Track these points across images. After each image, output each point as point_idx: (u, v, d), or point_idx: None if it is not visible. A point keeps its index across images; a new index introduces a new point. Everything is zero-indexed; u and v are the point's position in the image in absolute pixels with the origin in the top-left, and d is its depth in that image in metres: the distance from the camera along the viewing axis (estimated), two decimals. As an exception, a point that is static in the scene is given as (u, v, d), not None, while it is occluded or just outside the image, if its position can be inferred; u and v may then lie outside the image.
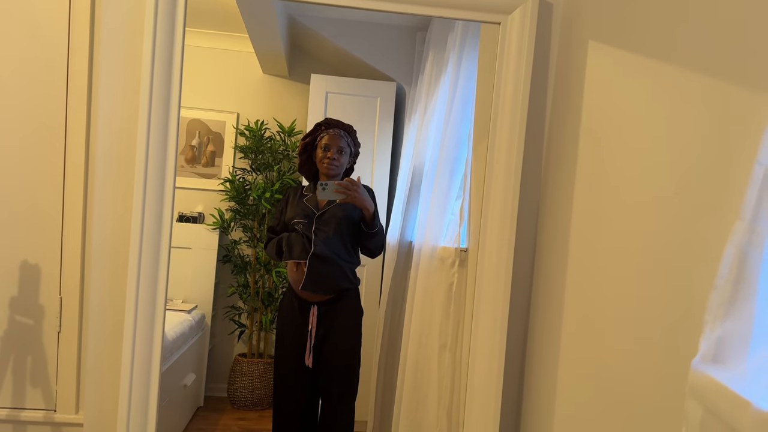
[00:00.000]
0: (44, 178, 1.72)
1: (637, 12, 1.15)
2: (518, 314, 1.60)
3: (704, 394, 0.70)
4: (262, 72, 3.54)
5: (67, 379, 1.75)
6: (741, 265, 0.68)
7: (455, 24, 2.16)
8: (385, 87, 3.15)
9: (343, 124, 2.28)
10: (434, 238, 2.13)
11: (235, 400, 3.27)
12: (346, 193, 2.07)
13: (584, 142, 1.35)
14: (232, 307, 3.37)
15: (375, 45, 3.03)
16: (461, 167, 2.06)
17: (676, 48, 0.99)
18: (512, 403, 1.62)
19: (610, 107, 1.24)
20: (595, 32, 1.35)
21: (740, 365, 0.68)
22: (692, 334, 0.80)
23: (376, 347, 2.77)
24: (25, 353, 1.75)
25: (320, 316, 2.17)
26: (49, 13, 1.70)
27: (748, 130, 0.78)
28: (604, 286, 1.18)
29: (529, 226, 1.60)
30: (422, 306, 2.15)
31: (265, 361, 3.31)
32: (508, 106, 1.53)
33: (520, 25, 1.52)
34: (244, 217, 3.41)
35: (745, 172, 0.72)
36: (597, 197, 1.25)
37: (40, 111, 1.71)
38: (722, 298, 0.69)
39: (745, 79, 0.81)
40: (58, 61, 1.70)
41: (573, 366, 1.30)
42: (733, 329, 0.69)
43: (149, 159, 1.48)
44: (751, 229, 0.67)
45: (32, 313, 1.74)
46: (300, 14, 2.92)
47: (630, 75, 1.16)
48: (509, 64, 1.53)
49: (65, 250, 1.73)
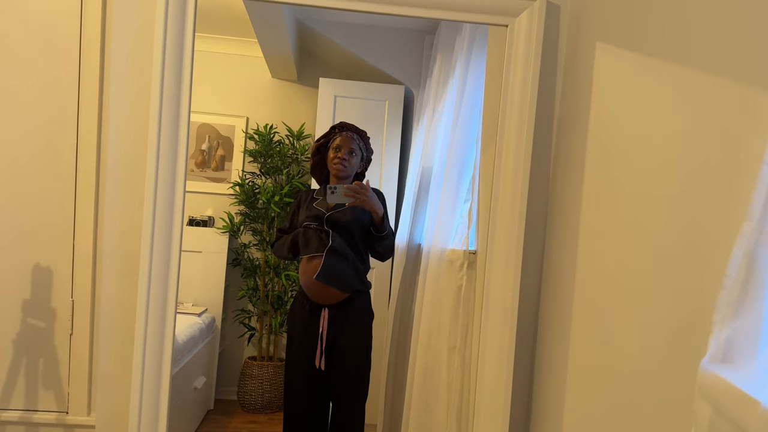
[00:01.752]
0: (56, 182, 1.74)
1: (644, 13, 1.15)
2: (527, 316, 1.60)
3: (713, 394, 0.70)
4: (271, 76, 3.56)
5: (79, 382, 1.77)
6: (749, 266, 0.68)
7: (463, 27, 2.16)
8: (393, 90, 3.16)
9: (358, 128, 2.31)
10: (443, 241, 2.13)
11: (246, 403, 3.28)
12: (355, 196, 2.08)
13: (592, 144, 1.35)
14: (242, 311, 3.38)
15: (383, 48, 3.04)
16: (469, 170, 2.06)
17: (683, 48, 0.99)
18: (521, 406, 1.62)
19: (617, 108, 1.24)
20: (602, 34, 1.35)
21: (749, 365, 0.68)
22: (701, 334, 0.80)
23: (385, 350, 2.76)
24: (37, 356, 1.76)
25: (331, 318, 2.18)
26: (61, 21, 1.72)
27: (755, 129, 0.78)
28: (612, 287, 1.18)
29: (537, 228, 1.59)
30: (431, 308, 2.15)
31: (275, 364, 3.32)
32: (516, 109, 1.53)
33: (528, 27, 1.52)
34: (253, 220, 3.43)
35: (752, 171, 0.72)
36: (605, 198, 1.25)
37: (52, 116, 1.73)
38: (731, 298, 0.69)
39: (753, 79, 0.80)
40: (71, 66, 1.72)
41: (582, 367, 1.30)
42: (742, 329, 0.69)
43: (160, 163, 1.49)
44: (759, 229, 0.67)
45: (44, 315, 1.76)
46: (308, 18, 2.94)
47: (638, 76, 1.16)
48: (517, 66, 1.53)
49: (77, 253, 1.75)
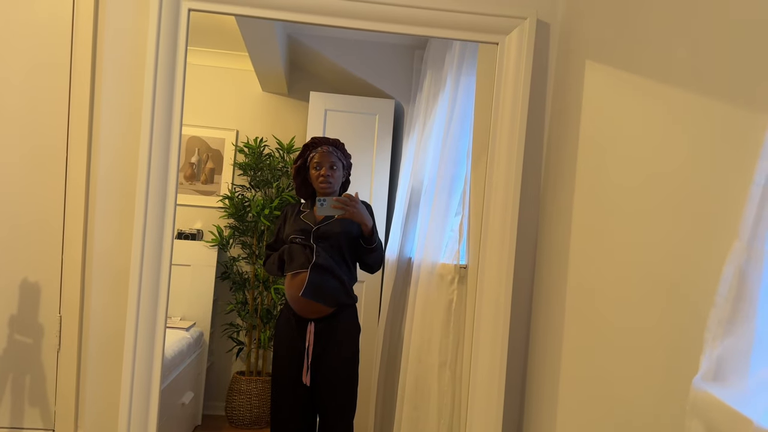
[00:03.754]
0: (45, 196, 1.73)
1: (633, 32, 1.17)
2: (519, 331, 1.60)
3: (705, 412, 0.71)
4: (262, 90, 3.57)
5: (66, 399, 1.74)
6: (740, 284, 0.68)
7: (453, 43, 2.18)
8: (383, 104, 3.18)
9: (330, 139, 2.28)
10: (433, 255, 2.14)
11: (233, 418, 3.25)
12: (344, 208, 2.08)
13: (582, 159, 1.36)
14: (231, 325, 3.35)
15: (373, 63, 3.06)
16: (460, 184, 2.07)
17: (672, 67, 1.01)
18: (513, 423, 1.62)
19: (607, 126, 1.25)
20: (592, 52, 1.37)
21: (741, 383, 0.69)
22: (693, 352, 0.80)
23: (376, 364, 2.75)
24: (23, 372, 1.74)
25: (317, 333, 2.16)
26: (52, 32, 1.71)
27: (745, 148, 0.79)
28: (603, 304, 1.18)
29: (528, 242, 1.60)
30: (422, 323, 2.15)
31: (263, 379, 3.29)
32: (506, 125, 1.55)
33: (518, 45, 1.54)
34: (242, 233, 3.41)
35: (742, 190, 0.73)
36: (596, 214, 1.26)
37: (41, 129, 1.72)
38: (722, 317, 0.70)
39: (743, 99, 0.82)
40: (61, 77, 1.71)
41: (574, 384, 1.30)
42: (733, 347, 0.69)
43: (151, 176, 1.49)
44: (749, 247, 0.68)
45: (31, 331, 1.74)
46: (299, 33, 2.95)
47: (627, 94, 1.18)
48: (507, 83, 1.55)
49: (65, 268, 1.73)
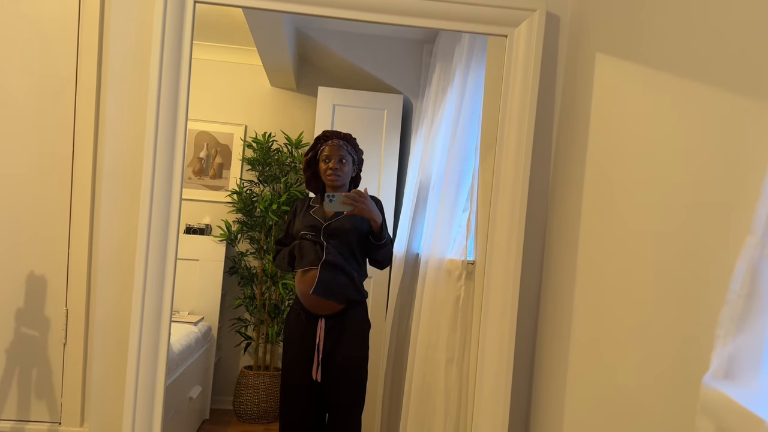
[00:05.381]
0: (52, 190, 1.73)
1: (644, 24, 1.15)
2: (526, 328, 1.58)
3: (716, 411, 0.69)
4: (270, 85, 3.56)
5: (72, 392, 1.75)
6: (753, 280, 0.66)
7: (462, 36, 2.16)
8: (392, 99, 3.16)
9: (342, 133, 2.27)
10: (441, 251, 2.12)
11: (241, 413, 3.25)
12: (353, 204, 2.07)
13: (592, 154, 1.34)
14: (239, 319, 3.36)
15: (382, 58, 3.04)
16: (468, 179, 2.05)
17: (684, 59, 0.99)
18: (520, 419, 1.60)
19: (618, 120, 1.23)
20: (602, 44, 1.35)
21: (753, 382, 0.67)
22: (704, 349, 0.79)
23: (383, 360, 2.75)
24: (30, 365, 1.74)
25: (328, 329, 2.16)
26: (58, 27, 1.71)
27: (759, 142, 0.77)
28: (613, 300, 1.16)
29: (536, 238, 1.58)
30: (429, 319, 2.13)
31: (271, 373, 3.29)
32: (515, 119, 1.53)
33: (527, 37, 1.52)
34: (251, 228, 3.41)
35: (755, 184, 0.71)
36: (605, 210, 1.24)
37: (48, 124, 1.72)
38: (734, 314, 0.68)
39: (757, 92, 0.80)
40: (67, 73, 1.72)
41: (582, 381, 1.28)
42: (745, 345, 0.68)
43: (156, 171, 1.48)
44: (762, 243, 0.66)
45: (38, 324, 1.74)
46: (307, 27, 2.94)
47: (638, 87, 1.16)
48: (516, 76, 1.53)
49: (72, 262, 1.74)
